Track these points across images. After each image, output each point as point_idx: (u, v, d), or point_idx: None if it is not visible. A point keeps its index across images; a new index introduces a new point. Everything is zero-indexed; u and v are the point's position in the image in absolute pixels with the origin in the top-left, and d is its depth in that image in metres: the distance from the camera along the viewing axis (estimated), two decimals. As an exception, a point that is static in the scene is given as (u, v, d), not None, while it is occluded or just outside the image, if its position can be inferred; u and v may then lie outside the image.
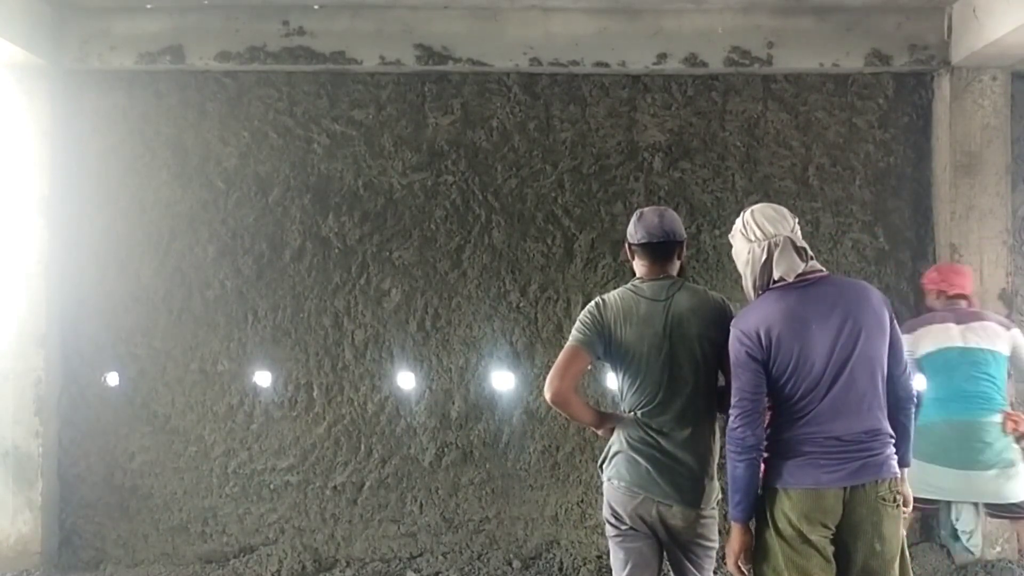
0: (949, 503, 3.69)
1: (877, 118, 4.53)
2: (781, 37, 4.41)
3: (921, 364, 3.63)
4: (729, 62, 4.41)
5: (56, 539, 4.41)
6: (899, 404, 2.40)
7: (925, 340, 3.66)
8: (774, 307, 2.32)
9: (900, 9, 4.39)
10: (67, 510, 4.43)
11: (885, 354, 2.34)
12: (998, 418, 3.53)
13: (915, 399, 2.46)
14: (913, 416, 2.43)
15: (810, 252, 2.40)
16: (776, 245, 2.36)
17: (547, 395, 2.51)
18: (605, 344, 2.53)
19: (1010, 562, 4.22)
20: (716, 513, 2.56)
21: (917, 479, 3.56)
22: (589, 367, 2.78)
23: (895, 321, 2.39)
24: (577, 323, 2.59)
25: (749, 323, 2.34)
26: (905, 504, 2.41)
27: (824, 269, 2.41)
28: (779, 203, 2.52)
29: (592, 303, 2.60)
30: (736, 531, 2.39)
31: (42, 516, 4.31)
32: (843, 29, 4.41)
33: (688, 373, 2.48)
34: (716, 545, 2.57)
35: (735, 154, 4.49)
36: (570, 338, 2.57)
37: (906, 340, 3.62)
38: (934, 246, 4.50)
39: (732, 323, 2.41)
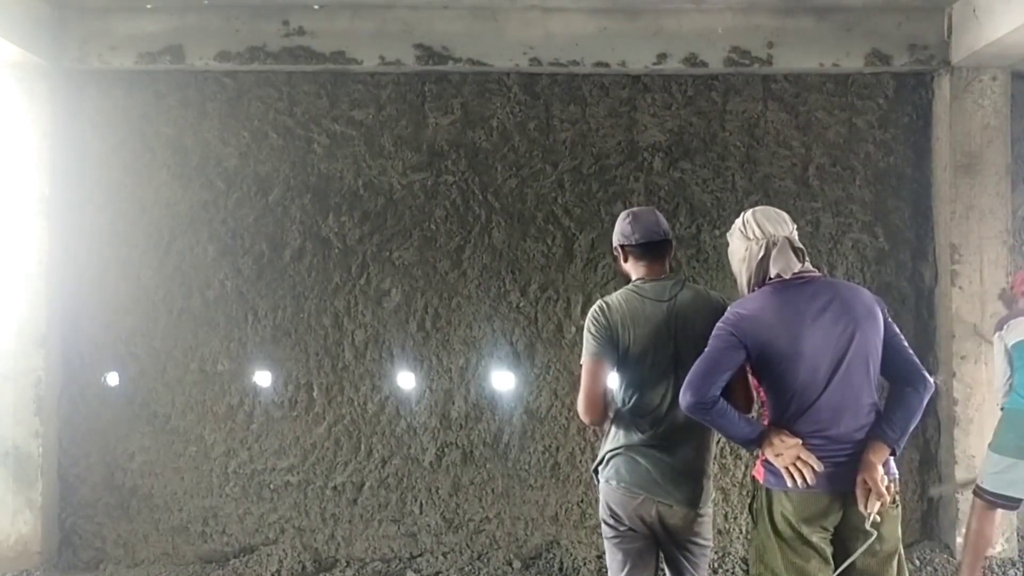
0: None
1: (877, 118, 4.53)
2: (781, 37, 4.41)
3: (1011, 355, 3.70)
4: (729, 62, 4.41)
5: (56, 539, 4.42)
6: (906, 379, 2.33)
7: (1013, 332, 3.72)
8: (771, 300, 2.33)
9: (900, 9, 4.39)
10: (67, 510, 4.44)
11: (879, 352, 2.34)
12: None
13: (925, 379, 2.33)
14: (919, 394, 2.31)
15: (806, 255, 2.42)
16: (774, 244, 2.37)
17: (586, 420, 2.53)
18: (615, 348, 2.49)
19: (1012, 560, 4.22)
20: (711, 512, 2.56)
21: (1003, 475, 3.56)
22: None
23: (889, 318, 2.38)
24: (585, 334, 2.53)
25: (744, 307, 2.34)
26: (888, 497, 2.25)
27: (817, 271, 2.43)
28: (779, 203, 2.53)
29: (595, 308, 2.55)
30: (764, 447, 2.30)
31: (42, 516, 4.32)
32: (843, 29, 4.41)
33: None
34: (711, 544, 2.57)
35: (735, 154, 4.49)
36: (584, 352, 2.52)
37: (998, 336, 3.76)
38: (934, 246, 4.50)
39: (730, 305, 2.41)
